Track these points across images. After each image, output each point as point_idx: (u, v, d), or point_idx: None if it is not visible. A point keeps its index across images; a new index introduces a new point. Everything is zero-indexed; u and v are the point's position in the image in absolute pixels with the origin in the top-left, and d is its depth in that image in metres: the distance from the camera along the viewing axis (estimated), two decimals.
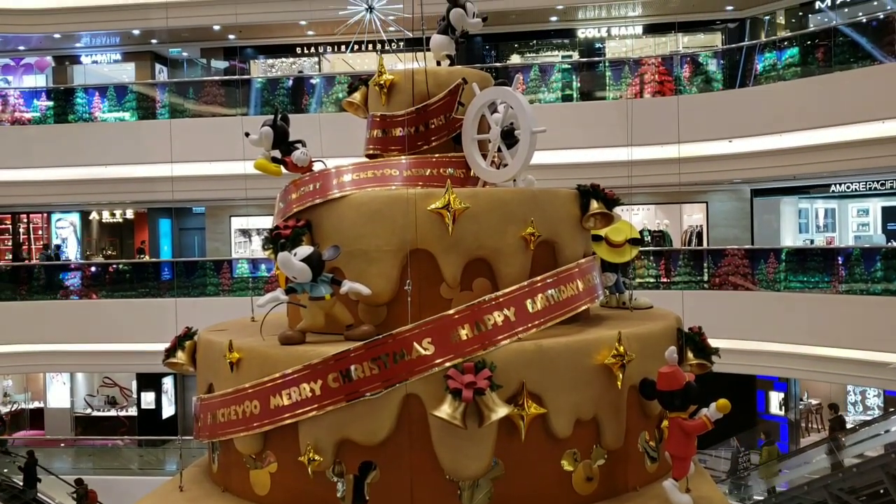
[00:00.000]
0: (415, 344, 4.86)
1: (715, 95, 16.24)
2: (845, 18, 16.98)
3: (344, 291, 5.23)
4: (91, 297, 18.09)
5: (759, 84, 15.87)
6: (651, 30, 20.46)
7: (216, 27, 19.50)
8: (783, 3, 18.82)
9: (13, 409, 21.71)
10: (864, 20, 15.42)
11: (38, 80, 21.86)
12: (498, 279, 5.45)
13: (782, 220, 18.74)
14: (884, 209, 19.01)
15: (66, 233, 22.58)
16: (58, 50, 21.69)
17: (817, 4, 18.37)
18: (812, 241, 18.90)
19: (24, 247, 21.88)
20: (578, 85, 17.36)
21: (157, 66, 22.12)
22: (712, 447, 16.28)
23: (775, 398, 18.90)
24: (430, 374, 4.82)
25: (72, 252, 22.13)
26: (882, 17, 15.12)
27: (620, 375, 5.12)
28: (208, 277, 17.82)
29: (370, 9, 7.48)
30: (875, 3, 17.30)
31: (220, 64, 22.12)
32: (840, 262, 15.12)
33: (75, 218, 22.51)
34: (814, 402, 19.52)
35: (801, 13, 18.88)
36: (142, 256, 21.05)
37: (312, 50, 21.76)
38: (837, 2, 17.95)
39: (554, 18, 19.98)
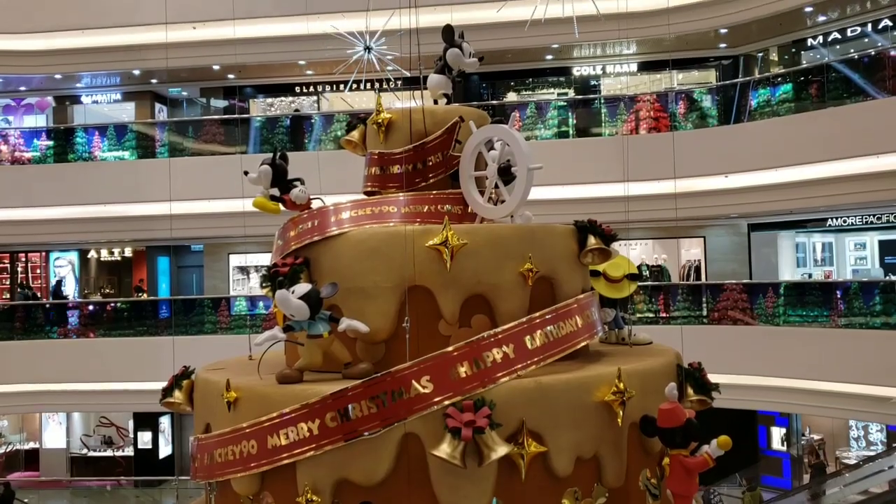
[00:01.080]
0: (413, 382, 4.82)
1: (710, 131, 16.37)
2: (837, 55, 17.20)
3: (342, 329, 5.21)
4: (88, 336, 18.03)
5: (753, 120, 16.02)
6: (646, 67, 20.68)
7: (216, 67, 19.68)
8: (776, 41, 19.06)
9: (8, 449, 21.47)
10: (856, 56, 15.62)
11: (39, 120, 22.01)
12: (496, 315, 5.43)
13: (780, 254, 18.78)
14: (881, 243, 19.06)
15: (64, 271, 22.55)
16: (58, 90, 21.87)
17: (809, 41, 18.60)
18: (810, 276, 18.91)
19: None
20: (574, 122, 17.50)
21: (157, 106, 22.29)
22: (716, 484, 16.09)
23: (777, 434, 18.75)
24: (429, 412, 4.77)
25: (70, 291, 22.07)
26: (873, 53, 15.32)
27: (621, 412, 5.07)
28: (206, 315, 17.77)
29: (368, 49, 7.60)
30: (866, 39, 17.53)
31: (220, 103, 22.30)
32: (839, 295, 15.12)
33: (74, 257, 22.51)
34: (816, 437, 19.36)
35: (793, 50, 19.11)
36: (140, 295, 21.00)
37: (311, 89, 21.96)
38: (829, 38, 18.19)
39: (549, 57, 20.21)
